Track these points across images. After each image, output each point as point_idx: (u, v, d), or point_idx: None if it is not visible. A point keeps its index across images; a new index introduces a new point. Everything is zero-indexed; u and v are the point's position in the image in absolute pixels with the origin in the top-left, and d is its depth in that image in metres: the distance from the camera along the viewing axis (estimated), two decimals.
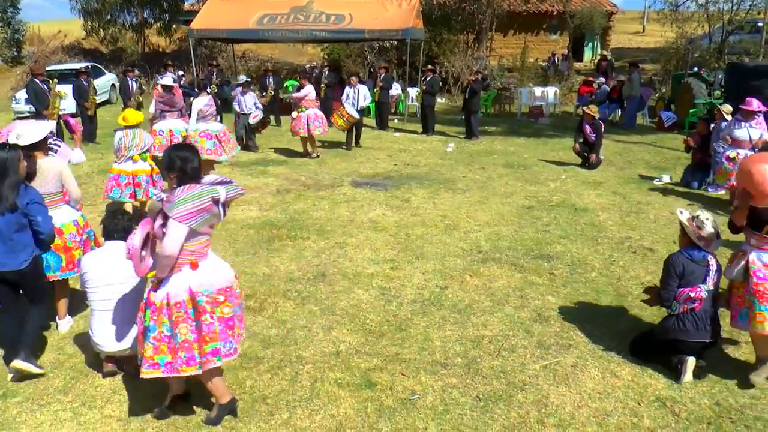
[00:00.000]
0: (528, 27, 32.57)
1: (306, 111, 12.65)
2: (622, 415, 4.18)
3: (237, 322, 3.94)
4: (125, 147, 7.89)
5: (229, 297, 3.86)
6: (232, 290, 3.90)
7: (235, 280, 3.99)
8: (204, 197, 3.65)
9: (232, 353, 3.89)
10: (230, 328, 3.86)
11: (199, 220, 3.65)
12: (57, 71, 18.51)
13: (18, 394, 4.34)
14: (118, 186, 7.81)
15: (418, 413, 4.18)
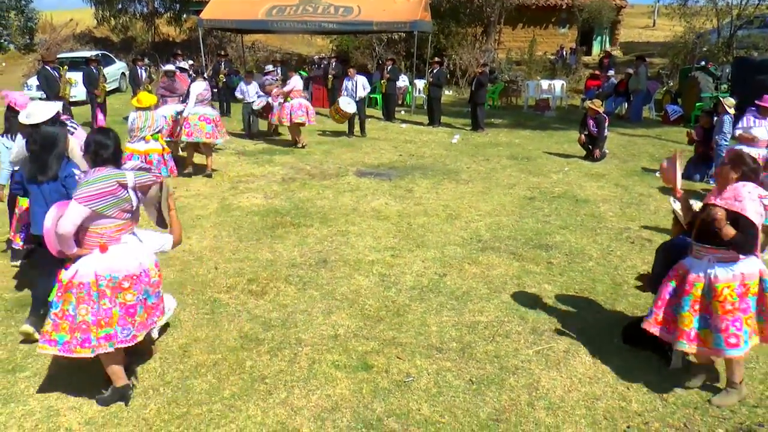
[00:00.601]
0: (537, 20, 32.49)
1: (291, 101, 12.79)
2: (611, 399, 4.29)
3: (143, 310, 3.96)
4: (138, 128, 8.49)
5: (135, 284, 3.90)
6: (141, 278, 3.95)
7: (155, 269, 4.09)
8: (109, 181, 3.77)
9: (128, 340, 3.90)
10: (131, 315, 3.89)
11: (102, 203, 3.76)
12: (68, 59, 18.70)
13: (27, 369, 4.49)
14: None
15: (412, 395, 4.30)
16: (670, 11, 24.25)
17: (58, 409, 4.04)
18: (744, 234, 4.04)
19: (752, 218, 4.01)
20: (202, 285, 6.05)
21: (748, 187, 4.11)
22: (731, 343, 4.07)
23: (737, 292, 4.08)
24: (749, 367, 4.72)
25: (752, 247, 4.11)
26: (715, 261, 4.16)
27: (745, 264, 4.11)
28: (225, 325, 5.23)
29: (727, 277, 4.10)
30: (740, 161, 4.19)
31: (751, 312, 4.13)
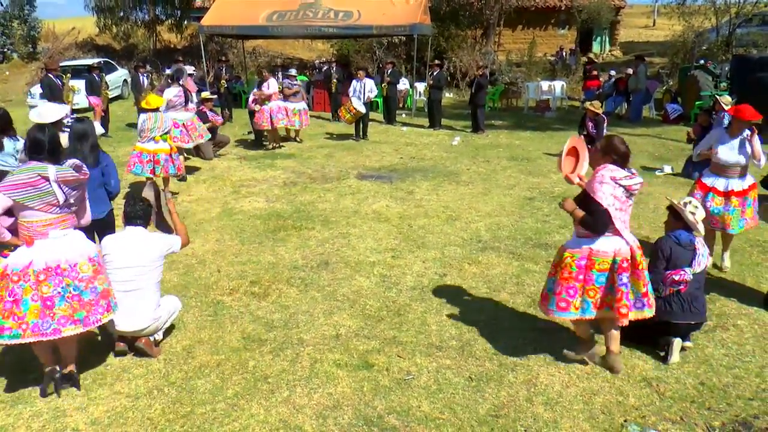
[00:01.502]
0: (536, 22, 32.58)
1: (269, 104, 12.89)
2: (608, 394, 4.35)
3: (64, 303, 4.03)
4: (148, 128, 8.86)
5: (51, 277, 3.99)
6: (61, 272, 4.03)
7: (88, 264, 4.16)
8: (31, 173, 3.94)
9: (49, 333, 3.98)
10: (48, 308, 3.98)
11: (23, 194, 3.91)
12: (70, 67, 18.81)
13: (33, 371, 4.55)
14: (140, 162, 8.78)
15: (413, 392, 4.37)
16: (669, 11, 24.34)
17: (64, 410, 4.12)
18: (592, 215, 4.32)
19: (600, 201, 4.25)
20: (205, 288, 6.13)
21: (604, 170, 4.33)
22: (561, 307, 4.45)
23: (577, 263, 4.39)
24: (745, 360, 4.79)
25: (604, 227, 4.33)
26: (575, 234, 4.54)
27: (600, 241, 4.37)
28: (228, 327, 5.31)
29: (575, 247, 4.45)
30: (611, 149, 4.40)
31: (593, 285, 4.39)
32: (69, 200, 4.14)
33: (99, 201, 5.33)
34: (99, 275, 4.24)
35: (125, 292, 4.63)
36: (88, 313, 4.13)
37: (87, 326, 4.16)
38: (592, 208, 4.30)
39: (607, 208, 4.26)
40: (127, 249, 4.67)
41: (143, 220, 4.83)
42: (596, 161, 4.46)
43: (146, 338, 4.74)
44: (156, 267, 4.76)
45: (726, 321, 5.43)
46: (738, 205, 6.34)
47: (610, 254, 4.35)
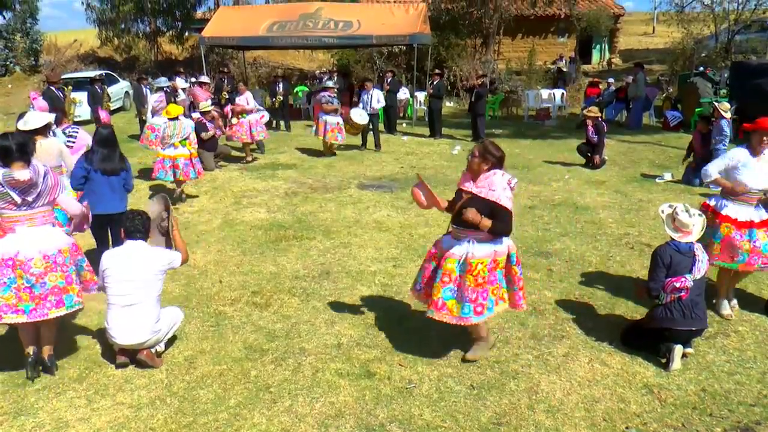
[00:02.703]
0: (535, 30, 32.69)
1: (247, 117, 12.95)
2: (610, 401, 4.36)
3: (8, 291, 4.40)
4: (168, 135, 9.56)
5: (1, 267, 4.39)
6: (14, 264, 4.41)
7: (41, 261, 4.47)
8: None
9: None
10: None
11: None
12: (72, 79, 18.92)
13: (36, 383, 4.58)
14: (163, 168, 9.54)
15: (415, 401, 4.38)
16: (668, 18, 24.43)
17: (67, 421, 4.14)
18: (501, 222, 4.46)
19: (506, 205, 4.45)
20: (207, 298, 6.15)
21: (499, 176, 4.50)
22: (478, 311, 4.55)
23: (488, 267, 4.53)
24: (747, 366, 4.79)
25: (509, 231, 4.57)
26: (475, 241, 4.54)
27: (497, 243, 4.57)
28: (230, 337, 5.32)
29: (482, 254, 4.51)
30: (487, 153, 4.52)
31: (497, 283, 4.64)
32: (27, 199, 4.46)
33: (122, 198, 6.30)
34: (52, 272, 4.53)
35: (125, 306, 4.65)
36: (36, 305, 4.46)
37: (31, 318, 4.47)
38: (501, 213, 4.45)
39: (511, 211, 4.49)
40: (127, 263, 4.69)
41: (143, 234, 4.85)
42: (476, 167, 4.54)
43: (148, 350, 4.76)
44: (156, 281, 4.77)
45: (727, 327, 5.44)
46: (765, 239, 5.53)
47: (506, 251, 4.64)
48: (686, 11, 23.34)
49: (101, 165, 6.09)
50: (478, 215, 4.40)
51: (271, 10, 21.14)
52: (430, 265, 4.87)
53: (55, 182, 4.69)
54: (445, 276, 4.59)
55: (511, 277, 4.73)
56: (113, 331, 4.68)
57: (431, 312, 4.65)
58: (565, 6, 30.78)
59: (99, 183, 6.09)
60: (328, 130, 13.24)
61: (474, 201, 4.49)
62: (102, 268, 4.77)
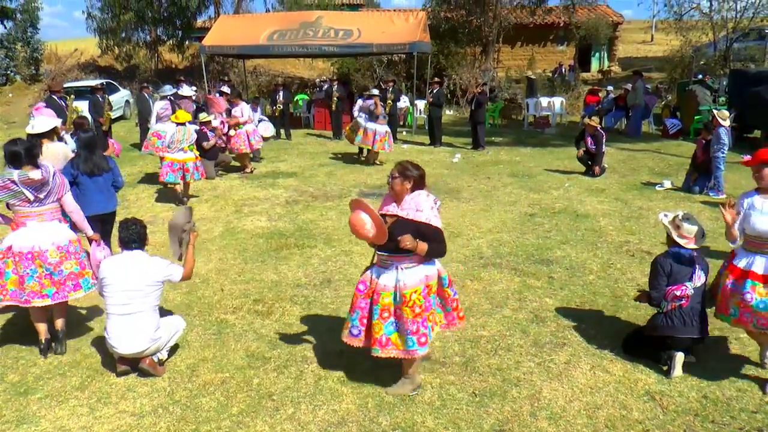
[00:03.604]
0: (535, 39, 32.84)
1: (244, 127, 12.97)
2: (612, 408, 4.37)
3: (32, 281, 4.96)
4: (177, 140, 10.14)
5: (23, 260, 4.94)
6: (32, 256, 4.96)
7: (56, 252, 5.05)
8: (3, 178, 4.88)
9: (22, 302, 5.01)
10: (21, 283, 4.97)
11: (1, 195, 4.92)
12: (73, 88, 18.94)
13: (38, 391, 4.59)
14: (172, 171, 10.05)
15: (417, 408, 4.39)
16: (666, 26, 24.52)
17: (69, 429, 4.15)
18: (436, 242, 4.27)
19: (438, 225, 4.26)
20: (208, 306, 6.16)
21: (423, 195, 4.33)
22: (422, 342, 4.31)
23: (423, 295, 4.31)
24: (749, 373, 4.79)
25: (445, 251, 4.40)
26: (403, 267, 4.31)
27: (427, 266, 4.37)
28: (232, 345, 5.33)
29: (414, 282, 4.29)
30: (407, 171, 4.33)
31: (432, 308, 4.43)
32: (39, 196, 5.01)
33: (111, 198, 6.61)
34: (67, 260, 5.13)
35: (124, 315, 4.66)
36: (57, 289, 5.06)
37: (55, 300, 5.08)
38: (433, 234, 4.25)
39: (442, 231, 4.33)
40: (124, 273, 4.70)
41: (139, 244, 4.87)
42: (398, 187, 4.32)
43: (149, 358, 4.77)
44: (153, 290, 4.78)
45: (728, 335, 5.44)
46: None
47: (437, 273, 4.46)
48: (685, 19, 23.42)
49: (84, 167, 6.33)
50: (413, 240, 4.14)
51: (271, 19, 21.18)
52: (365, 304, 4.46)
53: (62, 181, 5.22)
54: (384, 312, 4.33)
55: (444, 299, 4.56)
56: (113, 340, 4.69)
57: (376, 350, 4.35)
58: (564, 14, 30.90)
59: (86, 185, 6.31)
60: (377, 140, 13.27)
61: (400, 224, 4.24)
62: (100, 277, 4.78)
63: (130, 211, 9.67)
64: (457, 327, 4.79)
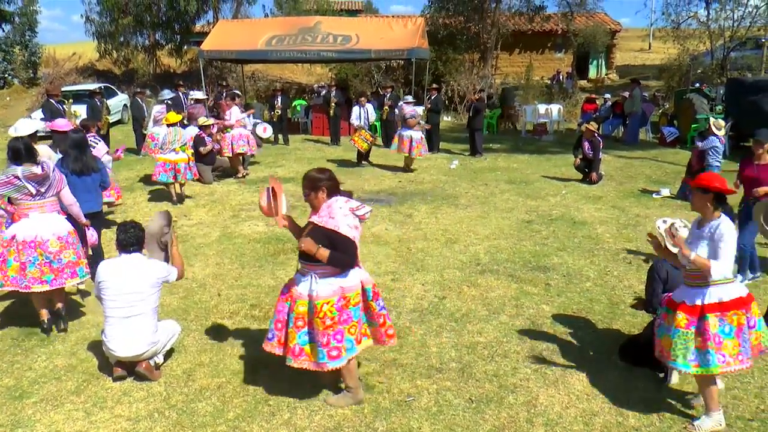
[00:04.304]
0: (533, 46, 32.95)
1: (231, 132, 13.00)
2: (608, 415, 4.37)
3: (34, 268, 5.37)
4: (169, 141, 10.47)
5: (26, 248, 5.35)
6: (34, 245, 5.37)
7: (56, 241, 5.47)
8: (8, 174, 5.27)
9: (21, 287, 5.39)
10: (23, 269, 5.34)
11: (5, 190, 5.32)
12: (71, 92, 18.95)
13: (33, 395, 4.58)
14: (164, 171, 10.39)
15: (413, 414, 4.38)
16: (664, 34, 24.63)
17: None
18: (342, 252, 4.11)
19: (347, 234, 4.11)
20: (205, 311, 6.15)
21: (340, 202, 4.23)
22: (333, 356, 4.16)
23: (336, 307, 4.16)
24: (744, 381, 4.80)
25: (353, 262, 4.23)
26: (318, 277, 4.19)
27: (344, 278, 4.21)
28: (228, 350, 5.32)
29: (327, 293, 4.15)
30: (316, 183, 4.23)
31: (353, 321, 4.24)
32: (41, 190, 5.43)
33: (97, 197, 6.78)
34: (66, 250, 5.55)
35: (123, 319, 4.66)
36: (55, 276, 5.47)
37: (53, 286, 5.49)
38: (341, 243, 4.12)
39: (354, 240, 4.18)
40: (123, 276, 4.69)
41: (137, 246, 4.86)
42: (313, 198, 4.27)
43: (146, 362, 4.76)
44: (153, 293, 4.78)
45: None
46: None
47: (359, 285, 4.28)
48: (682, 28, 23.53)
49: (73, 166, 6.47)
50: (313, 244, 4.06)
51: (270, 24, 21.25)
52: (283, 308, 4.39)
53: (60, 177, 5.67)
54: (298, 320, 4.24)
55: (370, 313, 4.39)
56: (111, 344, 4.69)
57: (289, 360, 4.26)
58: (562, 22, 31.01)
59: (74, 185, 6.29)
60: (414, 146, 13.28)
61: (315, 231, 4.17)
62: (98, 280, 4.78)
63: (128, 214, 9.65)
64: (387, 344, 4.57)
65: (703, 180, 4.24)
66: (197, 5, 28.30)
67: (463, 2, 27.23)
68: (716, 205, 4.18)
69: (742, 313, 4.09)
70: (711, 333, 4.03)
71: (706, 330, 4.05)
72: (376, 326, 4.42)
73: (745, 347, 4.06)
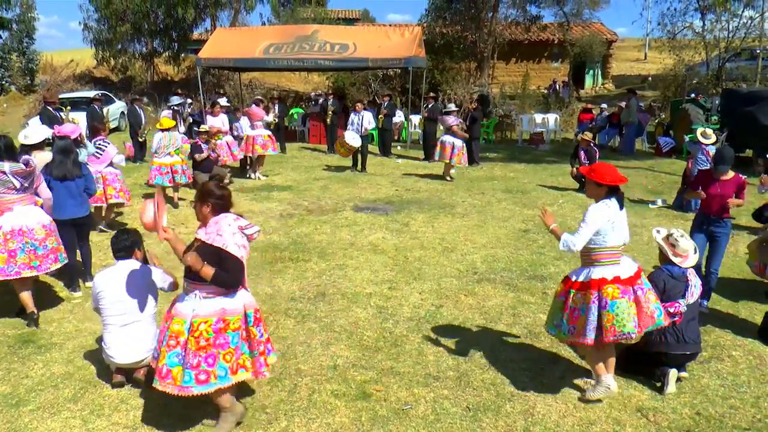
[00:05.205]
0: (529, 55, 33.11)
1: (223, 138, 13.09)
2: (605, 424, 4.37)
3: (23, 254, 5.76)
4: (164, 146, 10.79)
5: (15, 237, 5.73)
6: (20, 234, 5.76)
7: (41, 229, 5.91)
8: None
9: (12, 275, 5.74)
10: (12, 257, 5.74)
11: None
12: (69, 99, 18.95)
13: (30, 403, 4.57)
14: (160, 174, 10.71)
15: (410, 422, 4.38)
16: (660, 44, 24.75)
17: None
18: (228, 271, 3.96)
19: (234, 253, 3.96)
20: None
21: (229, 220, 4.08)
22: (200, 380, 3.94)
23: (213, 328, 3.97)
24: (741, 391, 4.82)
25: (238, 282, 4.06)
26: (201, 296, 4.04)
27: (227, 299, 4.05)
28: None
29: (207, 312, 3.99)
30: (207, 195, 4.12)
31: (230, 347, 4.01)
32: (24, 185, 5.82)
33: (83, 203, 6.88)
34: (49, 237, 6.01)
35: (122, 326, 4.66)
36: (41, 262, 5.90)
37: (40, 271, 5.95)
38: (227, 261, 3.96)
39: (242, 260, 4.03)
40: (119, 283, 4.70)
41: (126, 253, 4.89)
42: (199, 211, 4.17)
43: (144, 369, 4.75)
44: (150, 298, 4.79)
45: (721, 352, 5.47)
46: None
47: (242, 309, 4.09)
48: (677, 38, 23.66)
49: (56, 171, 6.64)
50: (199, 260, 3.90)
51: (267, 32, 21.29)
52: (164, 327, 4.20)
53: (39, 173, 6.13)
54: (171, 339, 4.02)
55: (251, 340, 4.14)
56: (111, 351, 4.68)
57: (156, 382, 4.03)
58: (559, 31, 31.19)
59: (58, 190, 6.55)
60: (455, 153, 13.29)
61: (202, 248, 4.01)
62: (96, 291, 4.78)
63: (125, 220, 9.66)
64: (262, 377, 4.25)
65: (596, 176, 4.54)
66: (195, 13, 28.35)
67: (460, 11, 27.40)
68: (608, 195, 4.53)
69: (594, 293, 4.45)
70: (569, 306, 4.61)
71: (567, 303, 4.64)
72: (256, 355, 4.14)
73: (589, 325, 4.43)
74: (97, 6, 27.62)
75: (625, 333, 4.37)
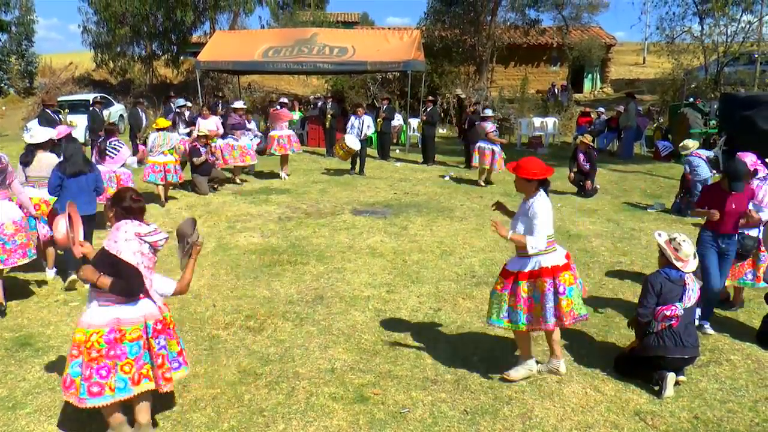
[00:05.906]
0: (528, 59, 33.14)
1: (217, 142, 13.12)
2: (603, 428, 4.37)
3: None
4: (159, 145, 11.12)
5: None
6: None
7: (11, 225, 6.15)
8: None
9: None
10: None
11: None
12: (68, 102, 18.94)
13: (27, 406, 4.56)
14: (153, 172, 11.04)
15: (408, 425, 4.38)
16: (658, 49, 24.80)
17: None
18: (124, 278, 3.87)
19: (128, 260, 3.85)
20: (200, 322, 6.14)
21: (127, 226, 3.96)
22: (93, 392, 3.82)
23: (105, 339, 3.85)
24: (739, 395, 4.82)
25: (137, 290, 3.96)
26: (98, 305, 3.94)
27: (123, 307, 3.94)
28: (223, 361, 5.31)
29: (99, 322, 3.88)
30: (115, 201, 4.07)
31: (128, 358, 3.89)
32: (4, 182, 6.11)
33: (92, 201, 7.09)
34: (19, 233, 6.25)
35: None
36: (8, 257, 6.15)
37: (6, 265, 6.20)
38: (123, 269, 3.86)
39: (138, 268, 3.91)
40: None
41: None
42: (106, 214, 4.14)
43: None
44: None
45: (719, 356, 5.47)
46: None
47: (141, 319, 3.96)
48: (676, 42, 23.70)
49: (69, 169, 6.89)
50: (95, 273, 3.85)
51: (266, 35, 21.30)
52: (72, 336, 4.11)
53: (12, 169, 6.36)
54: (73, 348, 3.92)
55: (150, 352, 4.00)
56: None
57: (63, 392, 3.98)
58: (558, 35, 31.24)
59: (69, 186, 6.83)
60: (495, 159, 13.39)
61: (102, 256, 3.95)
62: None
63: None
64: (163, 390, 4.07)
65: (524, 173, 4.77)
66: (194, 16, 28.36)
67: (458, 15, 27.43)
68: (538, 188, 4.78)
69: (548, 280, 4.68)
70: (522, 297, 4.77)
71: (518, 294, 4.78)
72: (156, 367, 4.01)
73: (548, 312, 4.68)
74: (96, 9, 27.58)
75: (582, 315, 4.79)
